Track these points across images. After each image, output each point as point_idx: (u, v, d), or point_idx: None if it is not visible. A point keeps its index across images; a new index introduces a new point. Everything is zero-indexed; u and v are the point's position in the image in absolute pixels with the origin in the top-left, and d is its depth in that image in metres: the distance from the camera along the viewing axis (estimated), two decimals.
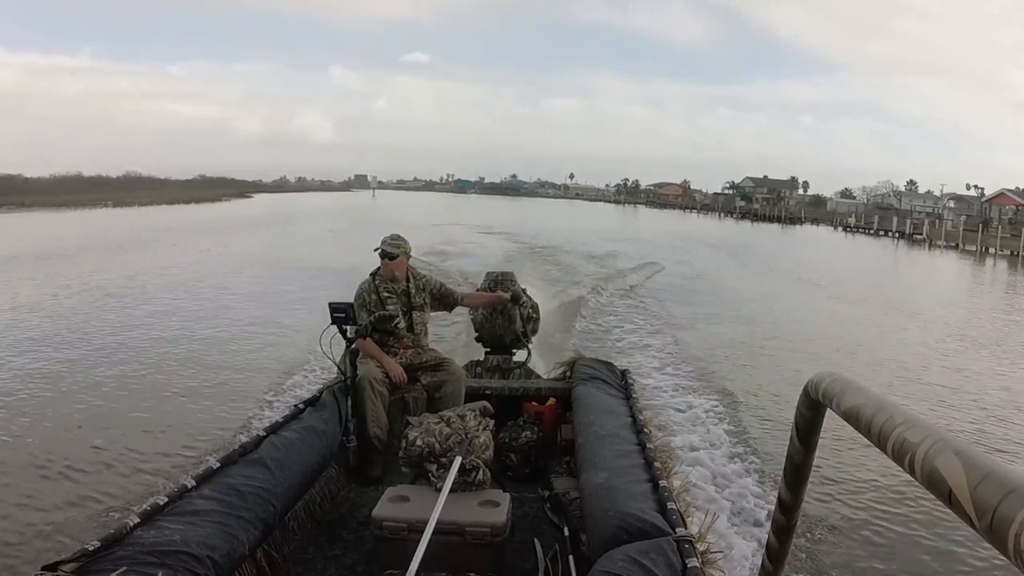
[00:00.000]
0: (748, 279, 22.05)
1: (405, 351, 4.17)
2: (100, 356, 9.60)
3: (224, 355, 9.87)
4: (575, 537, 2.97)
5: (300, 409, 3.61)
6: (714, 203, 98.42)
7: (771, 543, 1.08)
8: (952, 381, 9.91)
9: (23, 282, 16.20)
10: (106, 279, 16.84)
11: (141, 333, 11.08)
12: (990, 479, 0.52)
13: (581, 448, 3.25)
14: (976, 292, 23.74)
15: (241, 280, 17.51)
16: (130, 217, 47.48)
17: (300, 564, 2.88)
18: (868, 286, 21.73)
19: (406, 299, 4.22)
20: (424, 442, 2.93)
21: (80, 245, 25.66)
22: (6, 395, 7.78)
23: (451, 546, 2.57)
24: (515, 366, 4.92)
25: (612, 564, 2.02)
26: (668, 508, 2.35)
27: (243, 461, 2.86)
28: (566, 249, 26.51)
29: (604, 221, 55.79)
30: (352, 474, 3.77)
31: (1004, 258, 37.02)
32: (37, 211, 49.99)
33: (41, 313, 12.56)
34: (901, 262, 35.68)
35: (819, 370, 0.91)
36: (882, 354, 11.67)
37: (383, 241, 4.17)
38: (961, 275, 29.97)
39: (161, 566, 2.01)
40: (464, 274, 15.44)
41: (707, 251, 31.86)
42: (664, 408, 7.63)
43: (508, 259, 21.06)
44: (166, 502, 2.40)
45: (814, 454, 0.98)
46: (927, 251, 41.88)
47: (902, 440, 0.64)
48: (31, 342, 10.27)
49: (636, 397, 3.95)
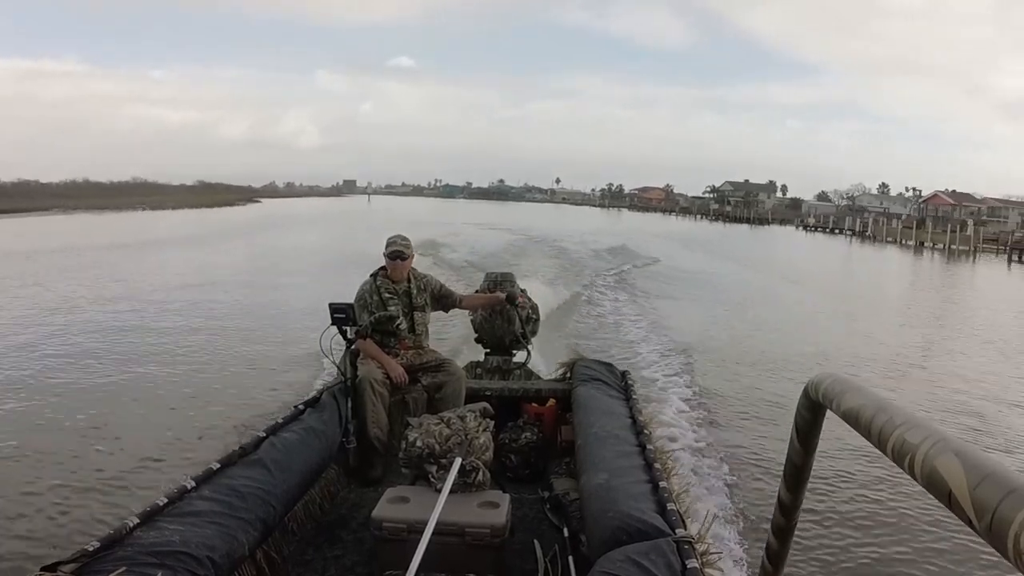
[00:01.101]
0: (696, 260, 29.20)
1: (406, 352, 4.17)
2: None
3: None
4: (575, 538, 2.97)
5: (300, 410, 3.61)
6: (691, 206, 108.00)
7: (771, 544, 1.08)
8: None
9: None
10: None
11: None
12: (990, 480, 0.52)
13: (581, 449, 3.25)
14: (883, 272, 32.05)
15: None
16: (190, 217, 54.79)
17: (300, 565, 2.88)
18: (786, 263, 31.82)
19: (407, 300, 4.22)
20: (424, 443, 2.93)
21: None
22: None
23: (451, 547, 2.57)
24: (515, 367, 4.92)
25: (612, 565, 2.01)
26: (668, 509, 2.35)
27: (243, 462, 2.86)
28: (557, 241, 32.42)
29: (590, 222, 60.10)
30: (352, 475, 3.76)
31: (936, 251, 44.31)
32: (81, 213, 54.72)
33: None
34: (830, 250, 44.76)
35: (818, 372, 0.91)
36: (766, 298, 18.52)
37: (393, 242, 4.18)
38: (871, 261, 37.99)
39: (160, 567, 2.00)
40: (473, 265, 19.33)
41: (672, 243, 37.97)
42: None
43: (514, 246, 27.06)
44: (166, 503, 2.40)
45: (814, 455, 0.98)
46: (871, 245, 48.82)
47: (902, 441, 0.64)
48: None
49: (636, 398, 3.95)
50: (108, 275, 18.46)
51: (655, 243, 35.98)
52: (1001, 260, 39.03)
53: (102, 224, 43.58)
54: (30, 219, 46.99)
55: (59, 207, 58.43)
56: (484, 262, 19.27)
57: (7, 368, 8.98)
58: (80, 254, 23.72)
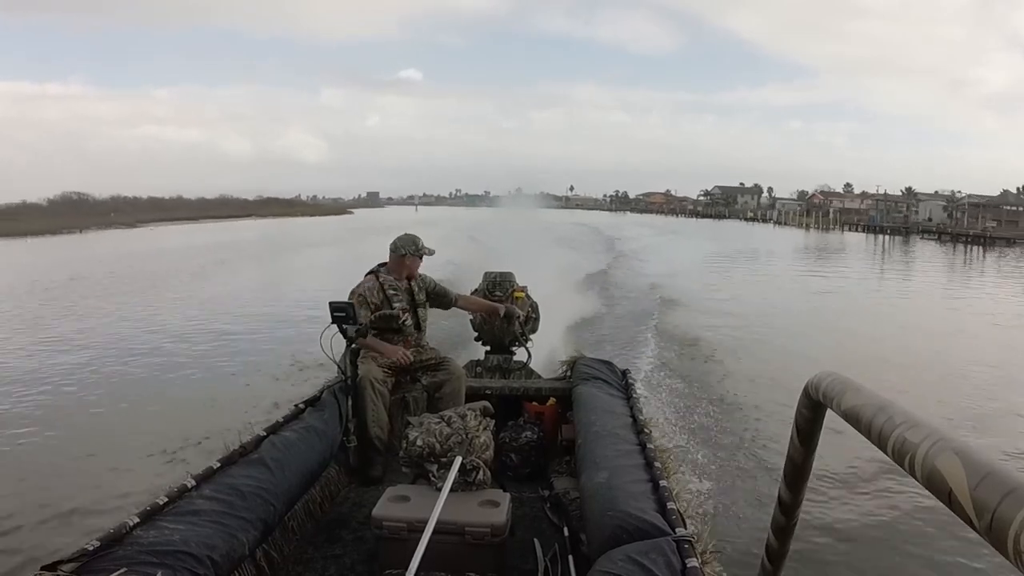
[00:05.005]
0: (653, 236, 48.24)
1: (408, 349, 4.17)
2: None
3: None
4: (575, 537, 2.96)
5: (300, 409, 3.61)
6: (679, 208, 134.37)
7: (771, 543, 1.08)
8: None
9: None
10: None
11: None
12: (990, 479, 0.52)
13: (581, 448, 3.25)
14: (750, 234, 57.18)
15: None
16: (290, 226, 66.05)
17: (300, 564, 2.88)
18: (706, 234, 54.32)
19: (410, 296, 4.24)
20: (424, 442, 2.93)
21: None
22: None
23: (451, 546, 2.57)
24: (515, 366, 4.92)
25: (612, 564, 2.01)
26: (668, 508, 2.35)
27: (243, 461, 2.86)
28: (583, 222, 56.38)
29: (600, 220, 77.45)
30: (352, 474, 3.76)
31: (812, 228, 71.41)
32: (185, 223, 65.64)
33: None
34: (742, 229, 69.13)
35: (818, 372, 0.92)
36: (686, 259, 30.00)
37: (411, 242, 4.22)
38: (768, 236, 56.77)
39: (161, 566, 2.00)
40: (584, 225, 40.59)
41: (643, 228, 60.72)
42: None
43: (564, 224, 44.19)
44: (166, 502, 2.40)
45: (814, 454, 0.98)
46: (780, 228, 73.88)
47: (902, 440, 0.64)
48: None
49: (636, 396, 3.95)
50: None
51: (630, 226, 61.23)
52: (849, 232, 67.84)
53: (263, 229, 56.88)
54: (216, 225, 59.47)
55: (144, 221, 67.25)
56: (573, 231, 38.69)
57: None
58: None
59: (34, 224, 53.45)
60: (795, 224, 76.78)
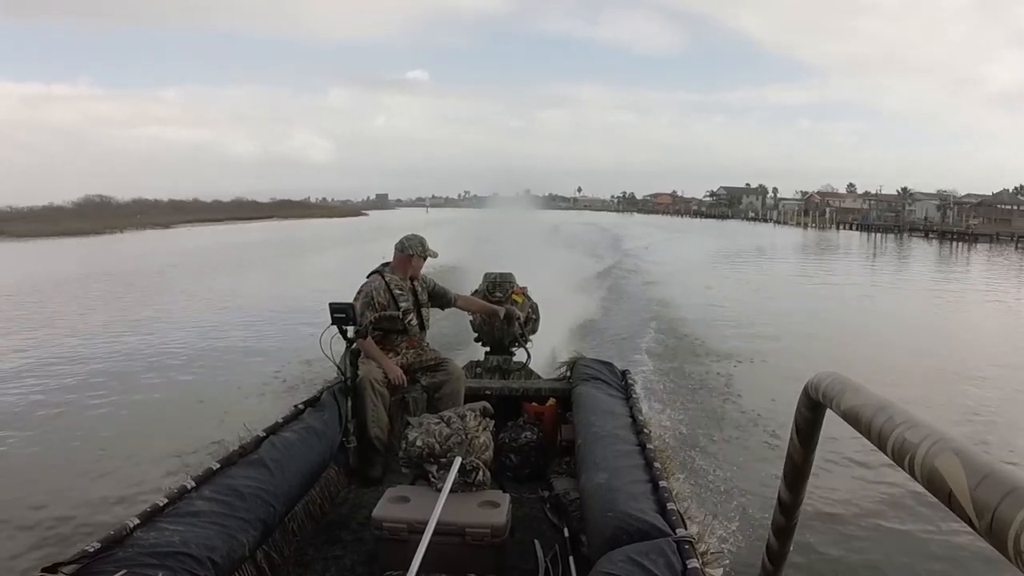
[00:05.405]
0: (658, 233, 52.24)
1: (408, 350, 4.18)
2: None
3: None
4: (575, 538, 2.96)
5: (300, 409, 3.61)
6: (685, 208, 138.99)
7: (771, 543, 1.08)
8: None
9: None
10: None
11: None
12: (990, 479, 0.52)
13: (581, 448, 3.24)
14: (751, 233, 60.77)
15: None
16: (337, 226, 69.36)
17: (300, 565, 2.88)
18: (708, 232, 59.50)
19: (413, 296, 4.25)
20: (424, 442, 2.93)
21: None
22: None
23: (451, 547, 2.56)
24: (515, 367, 4.91)
25: (612, 565, 2.01)
26: (668, 509, 2.35)
27: (243, 462, 2.86)
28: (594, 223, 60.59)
29: (608, 220, 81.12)
30: (352, 475, 3.76)
31: (810, 227, 75.06)
32: (210, 224, 67.59)
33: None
34: (741, 227, 74.40)
35: (818, 372, 0.91)
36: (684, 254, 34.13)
37: (419, 243, 4.24)
38: (767, 233, 60.56)
39: (161, 567, 2.00)
40: (592, 225, 45.98)
41: (650, 227, 62.86)
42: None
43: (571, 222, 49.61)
44: (166, 503, 2.39)
45: (814, 454, 0.98)
46: (779, 227, 78.44)
47: (902, 440, 0.64)
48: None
49: (636, 397, 3.95)
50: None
51: (636, 226, 63.89)
52: (845, 231, 72.08)
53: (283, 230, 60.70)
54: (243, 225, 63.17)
55: (193, 222, 70.84)
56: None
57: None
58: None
59: (71, 226, 53.18)
60: (794, 223, 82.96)
